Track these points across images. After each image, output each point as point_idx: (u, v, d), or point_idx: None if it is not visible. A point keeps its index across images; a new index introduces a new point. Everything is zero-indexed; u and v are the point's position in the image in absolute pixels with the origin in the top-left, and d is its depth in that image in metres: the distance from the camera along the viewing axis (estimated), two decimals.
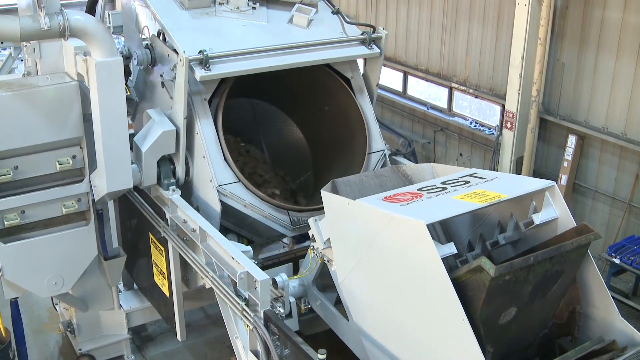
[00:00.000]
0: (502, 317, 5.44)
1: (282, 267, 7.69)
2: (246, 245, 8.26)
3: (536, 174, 12.54)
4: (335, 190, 6.62)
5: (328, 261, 6.58)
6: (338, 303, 6.76)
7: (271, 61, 7.63)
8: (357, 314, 6.39)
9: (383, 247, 5.71)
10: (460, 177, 6.20)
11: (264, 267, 7.84)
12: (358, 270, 6.16)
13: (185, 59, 7.14)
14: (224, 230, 7.93)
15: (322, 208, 7.87)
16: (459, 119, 13.93)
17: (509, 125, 12.34)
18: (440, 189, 5.94)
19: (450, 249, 5.39)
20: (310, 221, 6.59)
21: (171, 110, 7.69)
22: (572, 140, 11.59)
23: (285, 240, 8.86)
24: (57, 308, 9.78)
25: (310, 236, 6.69)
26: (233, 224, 7.93)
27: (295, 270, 7.96)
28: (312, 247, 6.73)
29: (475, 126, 13.52)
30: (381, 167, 8.31)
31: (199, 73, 7.24)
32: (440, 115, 14.34)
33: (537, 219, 5.84)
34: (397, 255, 5.57)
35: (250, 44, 7.66)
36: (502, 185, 5.92)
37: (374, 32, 8.21)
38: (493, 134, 12.99)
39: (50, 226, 7.72)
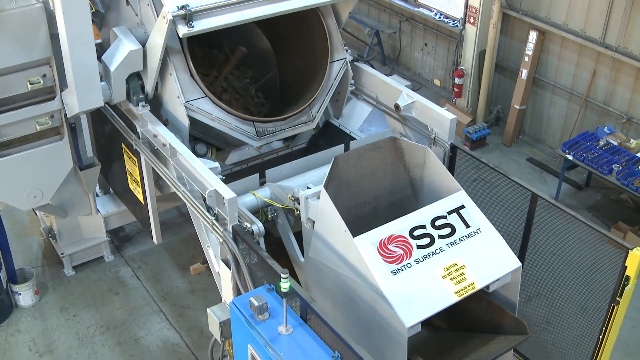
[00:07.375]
0: None
1: (250, 179, 8.02)
2: (215, 152, 8.66)
3: (498, 67, 12.85)
4: (335, 168, 6.79)
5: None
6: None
7: (256, 12, 7.50)
8: (315, 283, 7.01)
9: (361, 295, 6.20)
10: (449, 214, 6.53)
11: (232, 174, 8.25)
12: (328, 275, 6.63)
13: (169, 20, 6.99)
14: (194, 140, 8.27)
15: (286, 118, 8.22)
16: (424, 9, 14.04)
17: (472, 20, 12.49)
18: (429, 241, 6.33)
19: (416, 330, 5.86)
20: (301, 196, 6.76)
21: (137, 26, 7.82)
22: (533, 35, 11.82)
23: None
24: (37, 213, 10.18)
25: (295, 199, 6.96)
26: (201, 132, 8.23)
27: (262, 176, 8.36)
28: (292, 198, 7.00)
29: (440, 18, 13.66)
30: (343, 74, 8.59)
31: (182, 30, 7.07)
32: (405, 6, 14.42)
33: (493, 287, 6.40)
34: (369, 313, 6.14)
35: None
36: (479, 255, 6.37)
37: None
38: (457, 26, 13.16)
39: (25, 142, 7.94)
